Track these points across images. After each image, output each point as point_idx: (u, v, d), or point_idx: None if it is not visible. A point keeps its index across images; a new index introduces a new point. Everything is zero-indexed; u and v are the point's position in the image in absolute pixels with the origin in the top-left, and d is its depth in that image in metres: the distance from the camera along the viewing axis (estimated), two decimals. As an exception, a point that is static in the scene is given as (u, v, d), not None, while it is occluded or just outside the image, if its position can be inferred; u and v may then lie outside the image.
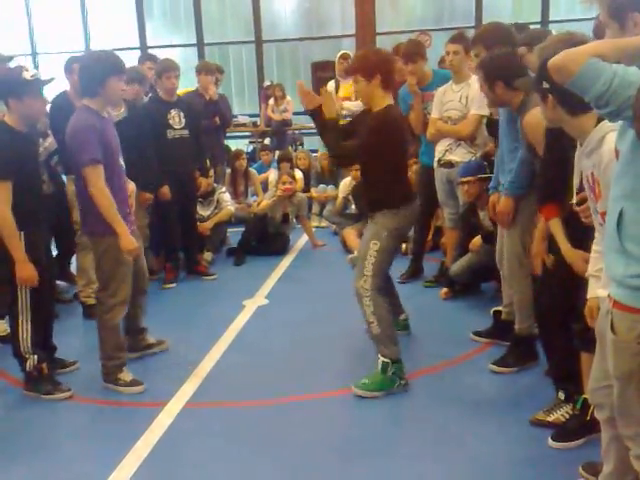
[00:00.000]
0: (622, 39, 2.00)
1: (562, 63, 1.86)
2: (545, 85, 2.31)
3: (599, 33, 3.34)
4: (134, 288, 4.09)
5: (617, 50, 1.88)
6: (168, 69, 5.70)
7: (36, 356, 3.86)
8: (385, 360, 3.76)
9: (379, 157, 3.76)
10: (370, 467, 3.07)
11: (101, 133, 3.76)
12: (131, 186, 4.21)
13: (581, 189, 2.62)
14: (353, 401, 3.72)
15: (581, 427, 3.07)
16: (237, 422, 3.54)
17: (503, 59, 3.67)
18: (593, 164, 2.34)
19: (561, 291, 3.13)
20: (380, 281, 3.86)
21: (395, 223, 3.83)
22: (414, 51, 5.33)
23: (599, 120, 2.32)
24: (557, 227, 3.02)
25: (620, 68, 1.81)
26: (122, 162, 4.01)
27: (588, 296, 2.58)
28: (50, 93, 5.53)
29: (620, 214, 1.97)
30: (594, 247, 2.58)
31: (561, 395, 3.25)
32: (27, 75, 3.65)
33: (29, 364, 3.86)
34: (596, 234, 2.56)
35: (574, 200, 2.71)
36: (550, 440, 3.12)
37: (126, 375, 3.99)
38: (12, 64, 4.75)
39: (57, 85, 4.35)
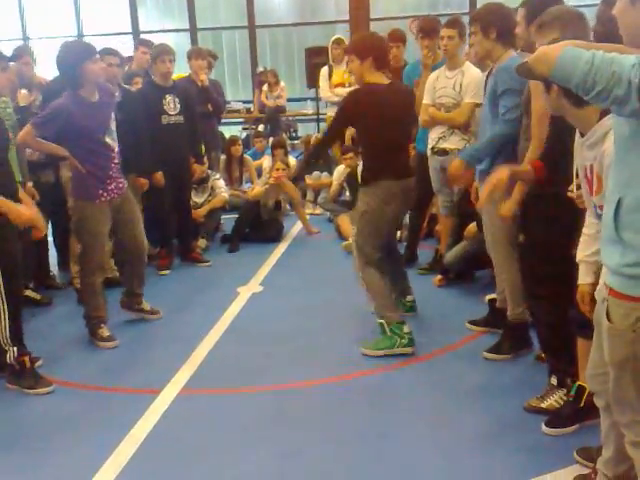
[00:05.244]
0: (597, 44, 1.99)
1: (540, 53, 1.87)
2: None
3: (603, 18, 3.31)
4: (130, 256, 4.57)
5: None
6: (162, 53, 5.66)
7: (15, 348, 3.75)
8: (380, 321, 4.07)
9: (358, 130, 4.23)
10: (365, 452, 3.09)
11: (72, 116, 4.05)
12: None
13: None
14: (348, 387, 3.74)
15: (575, 413, 3.09)
16: (232, 409, 3.55)
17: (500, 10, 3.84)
18: (595, 157, 2.34)
19: (537, 269, 3.21)
20: (369, 256, 4.09)
21: (364, 204, 4.06)
22: (432, 27, 5.40)
23: (602, 114, 2.31)
24: None
25: (598, 51, 1.79)
26: (110, 142, 4.25)
27: (579, 282, 2.60)
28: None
29: (618, 202, 1.96)
30: (585, 231, 2.59)
31: (553, 380, 3.26)
32: None
33: (9, 356, 3.76)
34: (587, 218, 2.57)
35: (572, 186, 2.71)
36: (544, 426, 3.14)
37: (104, 331, 4.40)
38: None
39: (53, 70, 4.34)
